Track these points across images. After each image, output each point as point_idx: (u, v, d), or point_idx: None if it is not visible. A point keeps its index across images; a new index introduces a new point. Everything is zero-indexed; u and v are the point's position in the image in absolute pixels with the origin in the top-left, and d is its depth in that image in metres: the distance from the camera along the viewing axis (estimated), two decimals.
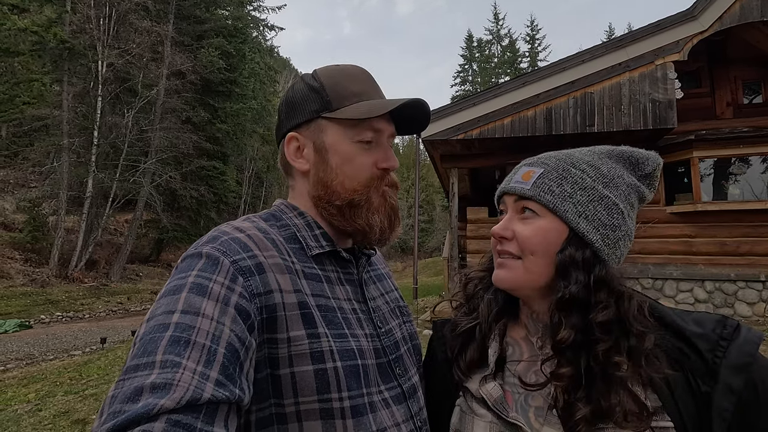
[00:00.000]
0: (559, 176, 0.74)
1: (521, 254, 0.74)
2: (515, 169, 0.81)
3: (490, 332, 0.79)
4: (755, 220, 7.56)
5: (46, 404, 4.87)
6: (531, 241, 0.73)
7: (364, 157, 0.79)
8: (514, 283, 0.75)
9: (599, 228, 0.70)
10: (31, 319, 13.06)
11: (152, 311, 0.59)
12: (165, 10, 22.91)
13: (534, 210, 0.73)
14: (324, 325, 0.69)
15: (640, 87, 7.54)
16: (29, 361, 8.40)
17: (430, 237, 46.25)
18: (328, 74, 0.81)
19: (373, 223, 0.78)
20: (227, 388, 0.53)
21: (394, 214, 0.82)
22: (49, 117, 19.25)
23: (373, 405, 0.69)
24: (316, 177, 0.80)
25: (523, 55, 51.04)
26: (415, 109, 0.81)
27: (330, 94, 0.78)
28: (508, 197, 0.78)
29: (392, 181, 0.82)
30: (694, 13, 7.39)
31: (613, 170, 0.75)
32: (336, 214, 0.78)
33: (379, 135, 0.80)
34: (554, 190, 0.73)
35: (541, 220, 0.73)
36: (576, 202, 0.71)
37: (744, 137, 7.72)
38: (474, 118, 8.13)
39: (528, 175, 0.76)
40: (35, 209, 18.47)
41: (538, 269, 0.72)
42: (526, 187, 0.75)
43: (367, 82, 0.82)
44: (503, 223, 0.77)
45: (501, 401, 0.71)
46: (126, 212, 22.77)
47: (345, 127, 0.78)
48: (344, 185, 0.78)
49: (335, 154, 0.78)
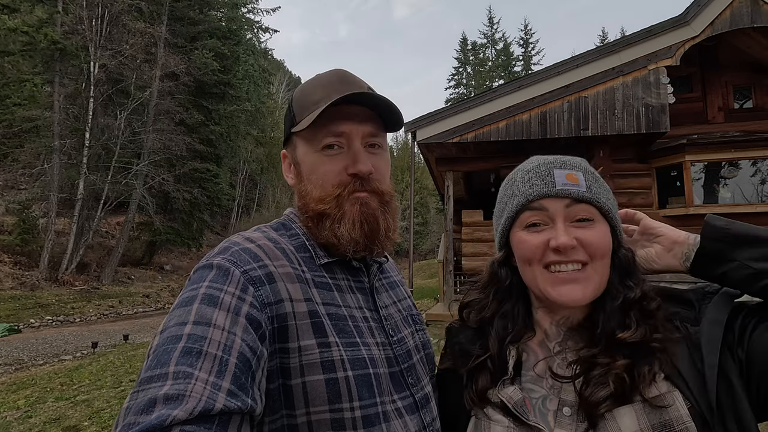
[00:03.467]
0: (596, 179, 0.74)
1: (590, 259, 0.70)
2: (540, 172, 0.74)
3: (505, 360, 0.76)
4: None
5: (36, 411, 4.79)
6: (601, 244, 0.71)
7: (329, 165, 0.75)
8: (595, 294, 0.71)
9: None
10: (20, 324, 12.85)
11: (165, 323, 0.60)
12: (158, 11, 22.78)
13: (589, 216, 0.71)
14: (335, 334, 0.68)
15: (634, 91, 7.62)
16: (18, 366, 8.26)
17: (424, 239, 46.36)
18: (301, 88, 0.83)
19: (340, 234, 0.74)
20: (239, 398, 0.53)
21: (370, 222, 0.75)
22: (40, 118, 19.00)
23: (385, 415, 0.68)
24: (297, 190, 0.81)
25: (517, 58, 51.43)
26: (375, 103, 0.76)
27: (295, 108, 0.80)
28: (554, 202, 0.71)
29: (372, 188, 0.76)
30: (686, 19, 7.49)
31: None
32: (312, 226, 0.78)
33: (347, 138, 0.76)
34: (601, 192, 0.73)
35: (598, 225, 0.72)
36: (612, 204, 0.75)
37: (735, 141, 7.84)
38: (469, 121, 8.16)
39: (573, 177, 0.72)
40: (25, 211, 18.24)
41: (606, 272, 0.72)
42: (581, 190, 0.71)
43: (332, 86, 0.77)
44: (565, 233, 0.70)
45: (521, 404, 0.71)
46: (118, 214, 22.53)
47: (306, 138, 0.77)
48: (311, 195, 0.76)
49: (305, 166, 0.79)
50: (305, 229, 0.80)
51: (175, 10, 23.69)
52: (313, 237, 0.78)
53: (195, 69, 22.30)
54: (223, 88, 25.57)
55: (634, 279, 0.72)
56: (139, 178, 20.51)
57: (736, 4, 7.35)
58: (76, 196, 18.75)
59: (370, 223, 0.75)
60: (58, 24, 19.13)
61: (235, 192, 33.45)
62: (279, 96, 47.87)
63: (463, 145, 8.36)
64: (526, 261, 0.74)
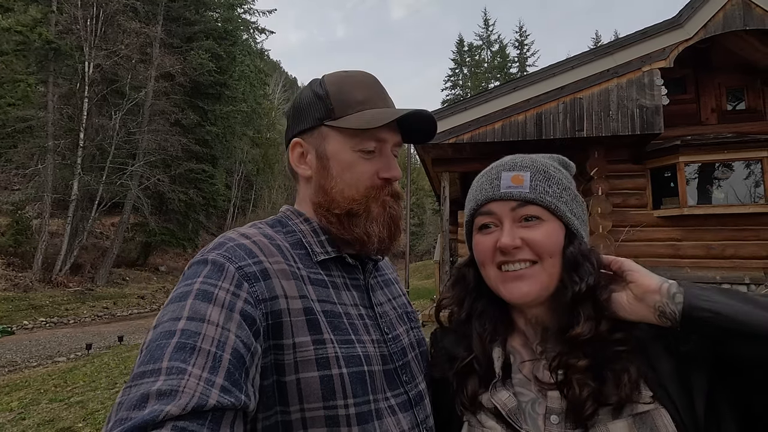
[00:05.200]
0: (545, 178, 0.75)
1: (538, 258, 0.72)
2: (490, 176, 0.78)
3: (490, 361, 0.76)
4: (739, 223, 7.74)
5: (30, 413, 4.75)
6: (547, 243, 0.72)
7: (365, 167, 0.78)
8: (542, 291, 0.72)
9: (582, 223, 0.77)
10: (13, 325, 12.73)
11: (159, 318, 0.59)
12: (154, 11, 22.69)
13: (537, 215, 0.72)
14: (330, 331, 0.68)
15: (628, 93, 7.67)
16: (12, 368, 8.18)
17: (420, 240, 46.41)
18: (334, 81, 0.81)
19: (371, 233, 0.77)
20: (233, 394, 0.53)
21: (394, 224, 0.80)
22: (34, 118, 18.86)
23: (379, 412, 0.68)
24: (317, 184, 0.80)
25: (513, 60, 51.59)
26: (421, 118, 0.80)
27: (334, 102, 0.78)
28: (501, 204, 0.74)
29: (394, 191, 0.81)
30: (680, 21, 7.56)
31: (566, 172, 0.81)
32: (335, 222, 0.78)
33: (383, 144, 0.79)
34: (548, 191, 0.73)
35: (546, 224, 0.73)
36: (565, 202, 0.75)
37: (728, 143, 7.92)
38: (465, 122, 8.19)
39: (518, 179, 0.74)
40: (19, 212, 18.08)
41: (556, 270, 0.73)
42: (524, 191, 0.73)
43: (372, 90, 0.81)
44: (509, 233, 0.72)
45: (515, 411, 0.71)
46: (113, 215, 22.37)
47: (347, 136, 0.78)
48: (343, 194, 0.77)
49: (336, 163, 0.78)
50: (315, 225, 0.80)
51: (170, 10, 23.60)
52: (334, 232, 0.79)
53: (191, 69, 22.20)
54: (219, 88, 25.49)
55: (580, 273, 0.70)
56: (134, 179, 20.39)
57: (728, 6, 7.43)
58: (70, 196, 18.59)
59: (396, 224, 0.81)
60: (53, 23, 19.01)
61: (230, 193, 33.31)
62: (275, 97, 47.75)
63: (459, 145, 8.38)
64: (481, 262, 0.78)
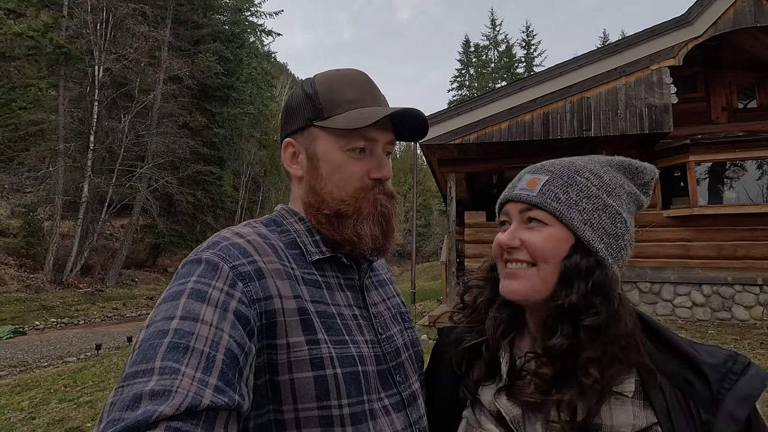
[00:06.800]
0: (564, 183, 0.73)
1: (535, 261, 0.72)
2: (518, 176, 0.80)
3: (498, 348, 0.77)
4: (751, 223, 7.60)
5: (40, 412, 4.81)
6: (543, 248, 0.71)
7: (355, 167, 0.77)
8: (530, 293, 0.72)
9: (603, 237, 0.71)
10: (25, 326, 12.92)
11: (151, 317, 0.59)
12: (162, 15, 22.93)
13: (541, 219, 0.72)
14: (323, 331, 0.68)
15: (636, 92, 7.59)
16: (23, 368, 8.30)
17: (427, 241, 46.29)
18: (324, 80, 0.80)
19: (363, 233, 0.76)
20: (226, 394, 0.52)
21: (386, 221, 0.79)
22: (45, 121, 19.14)
23: (372, 412, 0.68)
24: (308, 184, 0.80)
25: (520, 60, 51.31)
26: (410, 116, 0.79)
27: (322, 101, 0.78)
28: (513, 205, 0.76)
29: (387, 191, 0.80)
30: (689, 19, 7.46)
31: (615, 179, 0.76)
32: (325, 222, 0.77)
33: (373, 144, 0.78)
34: (560, 197, 0.72)
35: (549, 229, 0.72)
36: (581, 210, 0.71)
37: (739, 141, 7.78)
38: (471, 122, 8.16)
39: (533, 182, 0.75)
40: (30, 214, 18.35)
41: (550, 277, 0.71)
42: (532, 194, 0.73)
43: (363, 88, 0.80)
44: (510, 233, 0.74)
45: (519, 420, 0.70)
46: (122, 217, 22.64)
47: (335, 136, 0.77)
48: (333, 194, 0.77)
49: (326, 163, 0.78)
50: (309, 224, 0.80)
51: (179, 13, 23.86)
52: (324, 233, 0.78)
53: (198, 72, 22.41)
54: (226, 91, 25.71)
55: (567, 288, 0.69)
56: (143, 181, 20.61)
57: (739, 3, 7.32)
58: (80, 198, 18.85)
59: (389, 223, 0.80)
60: (63, 28, 19.29)
61: (238, 194, 33.58)
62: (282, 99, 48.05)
63: (466, 146, 8.35)
64: (494, 256, 0.80)
